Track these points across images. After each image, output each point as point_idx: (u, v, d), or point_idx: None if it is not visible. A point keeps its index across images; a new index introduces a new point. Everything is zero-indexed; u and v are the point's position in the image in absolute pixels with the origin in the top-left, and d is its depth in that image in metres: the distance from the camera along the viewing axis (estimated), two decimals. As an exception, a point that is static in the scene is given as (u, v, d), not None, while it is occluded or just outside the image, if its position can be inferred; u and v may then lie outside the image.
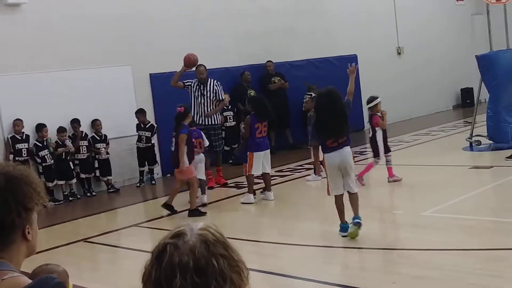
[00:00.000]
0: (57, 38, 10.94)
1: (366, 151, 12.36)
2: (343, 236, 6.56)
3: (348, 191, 6.71)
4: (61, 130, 10.69)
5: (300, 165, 11.76)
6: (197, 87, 10.63)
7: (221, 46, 13.35)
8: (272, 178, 10.55)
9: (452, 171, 10.00)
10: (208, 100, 10.66)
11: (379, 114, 9.28)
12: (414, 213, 7.54)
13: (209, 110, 10.59)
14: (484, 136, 11.57)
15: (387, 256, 6.03)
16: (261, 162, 8.99)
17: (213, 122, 10.61)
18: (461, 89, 19.81)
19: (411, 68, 18.13)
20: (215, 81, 10.89)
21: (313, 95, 13.97)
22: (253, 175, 9.00)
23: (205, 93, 10.61)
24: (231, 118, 13.02)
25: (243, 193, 9.34)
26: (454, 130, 14.58)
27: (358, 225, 6.49)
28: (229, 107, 12.98)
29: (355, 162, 7.06)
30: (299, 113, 14.34)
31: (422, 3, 18.67)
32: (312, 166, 10.36)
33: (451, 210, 7.51)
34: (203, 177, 9.25)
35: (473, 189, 8.63)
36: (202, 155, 9.27)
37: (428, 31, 18.78)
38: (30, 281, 1.82)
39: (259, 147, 9.02)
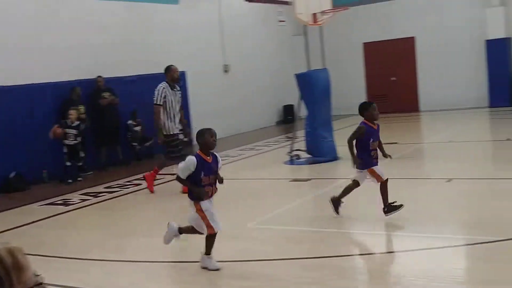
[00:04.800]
0: None
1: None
2: None
3: None
4: None
5: (129, 181, 11.52)
6: (174, 91, 9.78)
7: (49, 60, 12.73)
8: (100, 194, 10.29)
9: (274, 184, 10.31)
10: (179, 106, 9.88)
11: None
12: (238, 225, 7.64)
13: (179, 117, 9.83)
14: (303, 151, 12.10)
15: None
16: None
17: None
18: (284, 105, 20.67)
19: (237, 85, 18.58)
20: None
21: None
22: None
23: (177, 98, 9.79)
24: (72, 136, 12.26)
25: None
26: (277, 144, 15.12)
27: None
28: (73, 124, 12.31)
29: None
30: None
31: (248, 23, 19.23)
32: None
33: (274, 221, 7.70)
34: None
35: (293, 200, 8.94)
36: None
37: (253, 50, 19.40)
38: None
39: None
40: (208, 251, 5.87)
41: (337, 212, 7.32)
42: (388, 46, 20.65)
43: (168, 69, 9.89)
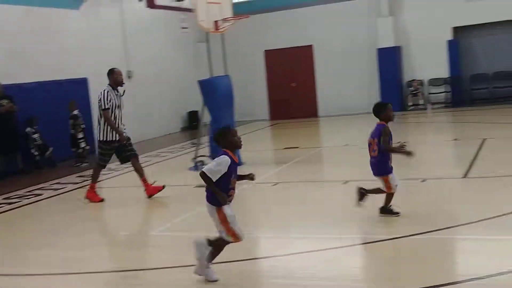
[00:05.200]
0: None
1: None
2: None
3: None
4: None
5: (30, 191, 11.06)
6: (117, 96, 9.28)
7: None
8: (-1, 206, 9.85)
9: (179, 190, 10.22)
10: (121, 110, 9.34)
11: None
12: (143, 233, 7.54)
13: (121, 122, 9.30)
14: (208, 156, 12.11)
15: (112, 279, 5.90)
16: None
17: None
18: (188, 112, 20.59)
19: (142, 92, 18.32)
20: None
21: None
22: None
23: (120, 102, 9.29)
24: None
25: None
26: (182, 151, 15.03)
27: None
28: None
29: None
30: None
31: (151, 29, 19.03)
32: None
33: (178, 228, 7.67)
34: None
35: (198, 206, 8.86)
36: None
37: (158, 57, 19.23)
38: None
39: None
40: (210, 258, 5.27)
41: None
42: (288, 54, 21.09)
43: (111, 71, 9.56)
